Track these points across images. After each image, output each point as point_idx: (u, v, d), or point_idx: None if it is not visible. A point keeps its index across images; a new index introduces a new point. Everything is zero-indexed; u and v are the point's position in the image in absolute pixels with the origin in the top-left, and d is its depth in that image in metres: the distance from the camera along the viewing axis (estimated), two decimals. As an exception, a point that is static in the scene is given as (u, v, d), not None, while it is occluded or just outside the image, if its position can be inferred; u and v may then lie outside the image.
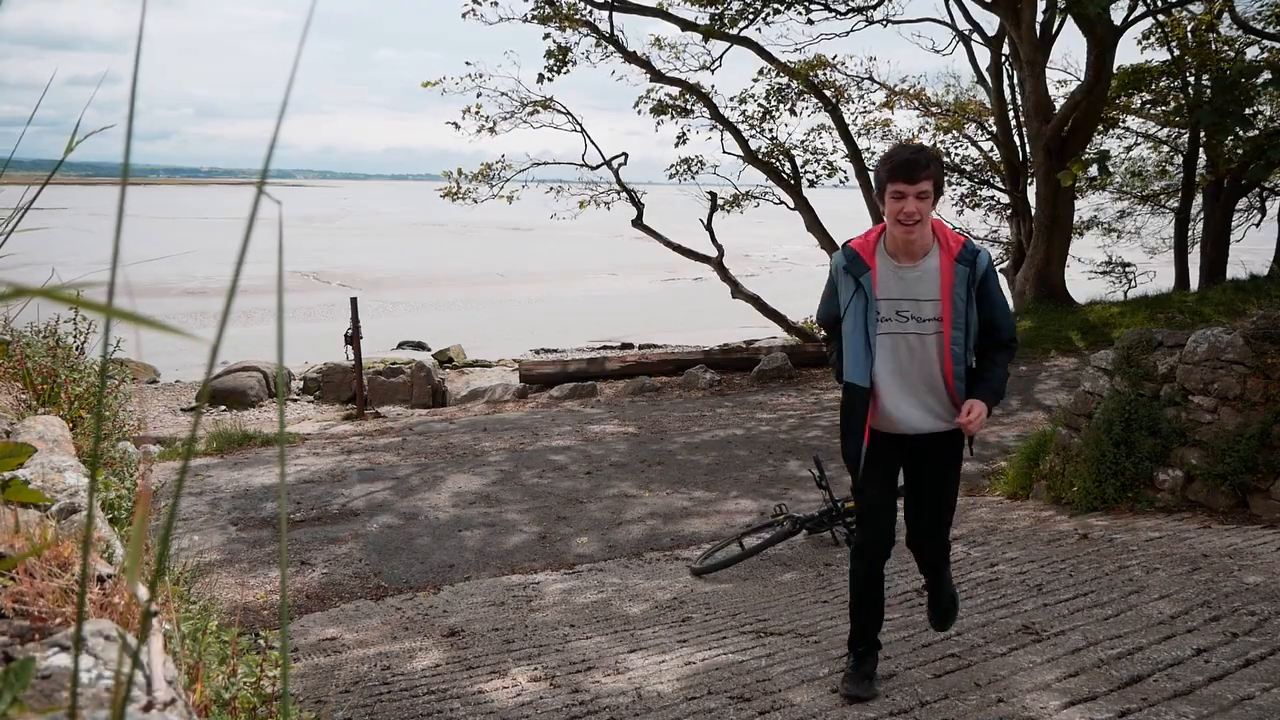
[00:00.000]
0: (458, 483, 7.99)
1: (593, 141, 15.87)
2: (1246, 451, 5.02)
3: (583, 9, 15.09)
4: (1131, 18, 14.86)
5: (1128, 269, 19.43)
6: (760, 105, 16.80)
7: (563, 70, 15.50)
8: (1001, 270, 16.93)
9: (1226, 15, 15.02)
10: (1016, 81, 16.07)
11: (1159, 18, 15.75)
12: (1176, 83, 16.54)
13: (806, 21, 15.95)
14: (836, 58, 16.65)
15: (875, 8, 16.13)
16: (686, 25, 15.39)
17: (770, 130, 16.91)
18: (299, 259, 37.44)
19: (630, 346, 19.94)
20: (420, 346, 20.05)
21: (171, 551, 3.16)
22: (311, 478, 8.24)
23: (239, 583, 5.63)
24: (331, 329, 15.48)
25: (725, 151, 16.80)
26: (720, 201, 16.62)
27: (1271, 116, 16.29)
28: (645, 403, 12.47)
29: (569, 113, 15.65)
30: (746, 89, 16.77)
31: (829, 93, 16.44)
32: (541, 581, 5.60)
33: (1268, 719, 2.63)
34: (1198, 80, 16.15)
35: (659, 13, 15.37)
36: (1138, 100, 17.20)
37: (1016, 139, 16.43)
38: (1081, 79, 14.75)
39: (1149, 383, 5.67)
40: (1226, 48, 15.83)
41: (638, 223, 16.08)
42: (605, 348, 19.75)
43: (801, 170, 17.01)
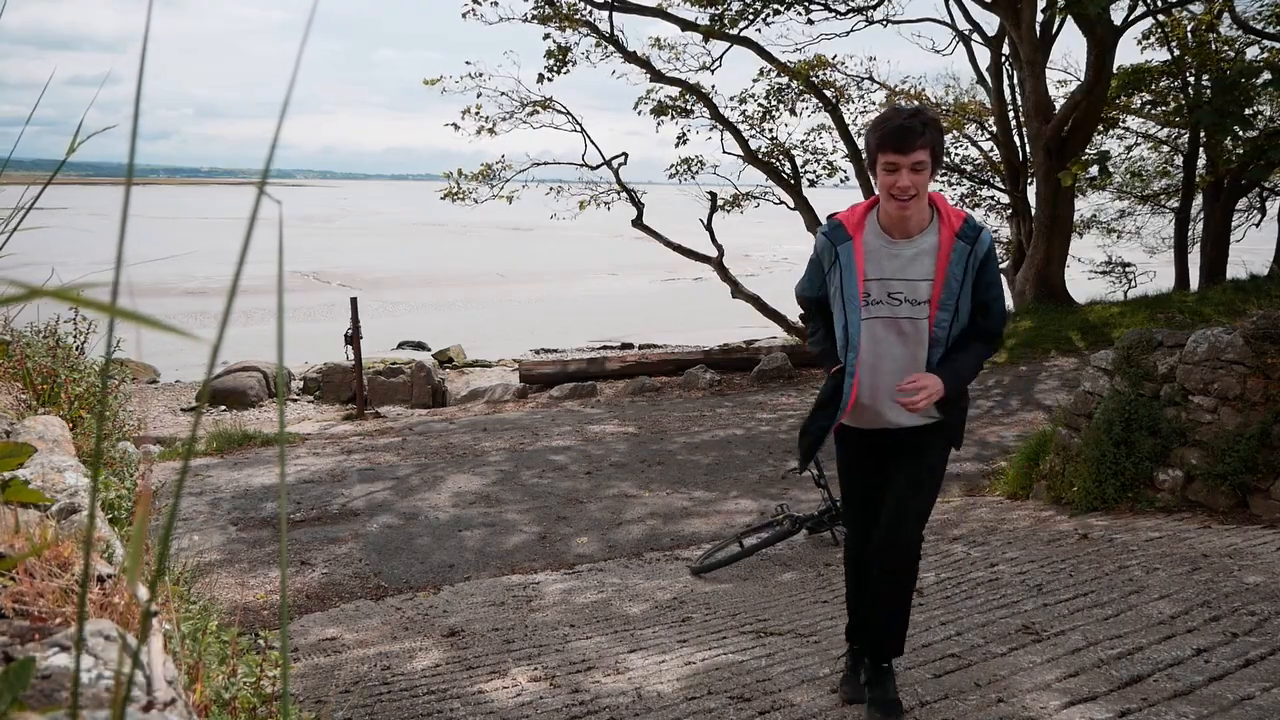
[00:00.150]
0: (458, 483, 7.99)
1: (593, 141, 15.89)
2: (1246, 451, 5.02)
3: (583, 9, 15.10)
4: (1131, 18, 14.86)
5: (1128, 269, 19.43)
6: (760, 105, 16.81)
7: (563, 70, 15.50)
8: (1001, 270, 16.92)
9: (1226, 15, 15.02)
10: (1016, 81, 16.08)
11: (1159, 18, 15.75)
12: (1176, 83, 16.54)
13: (806, 21, 15.96)
14: (836, 58, 16.68)
15: (875, 8, 16.14)
16: (686, 25, 15.40)
17: (770, 130, 16.93)
18: (299, 259, 37.44)
19: (630, 346, 19.94)
20: (420, 346, 20.05)
21: (171, 551, 3.16)
22: (311, 478, 8.24)
23: (239, 583, 5.63)
24: (331, 329, 15.48)
25: (725, 151, 16.81)
26: (720, 201, 16.62)
27: (1271, 117, 16.29)
28: (645, 403, 12.47)
29: (569, 113, 15.66)
30: (746, 89, 16.79)
31: (829, 93, 16.45)
32: (541, 581, 5.60)
33: (1268, 719, 2.63)
34: (1198, 80, 16.15)
35: (659, 13, 15.38)
36: (1138, 100, 17.20)
37: (1016, 139, 16.43)
38: (1081, 79, 14.75)
39: (1149, 383, 5.67)
40: (1226, 48, 15.83)
41: (638, 223, 16.09)
42: (605, 348, 19.75)
43: (801, 170, 17.01)
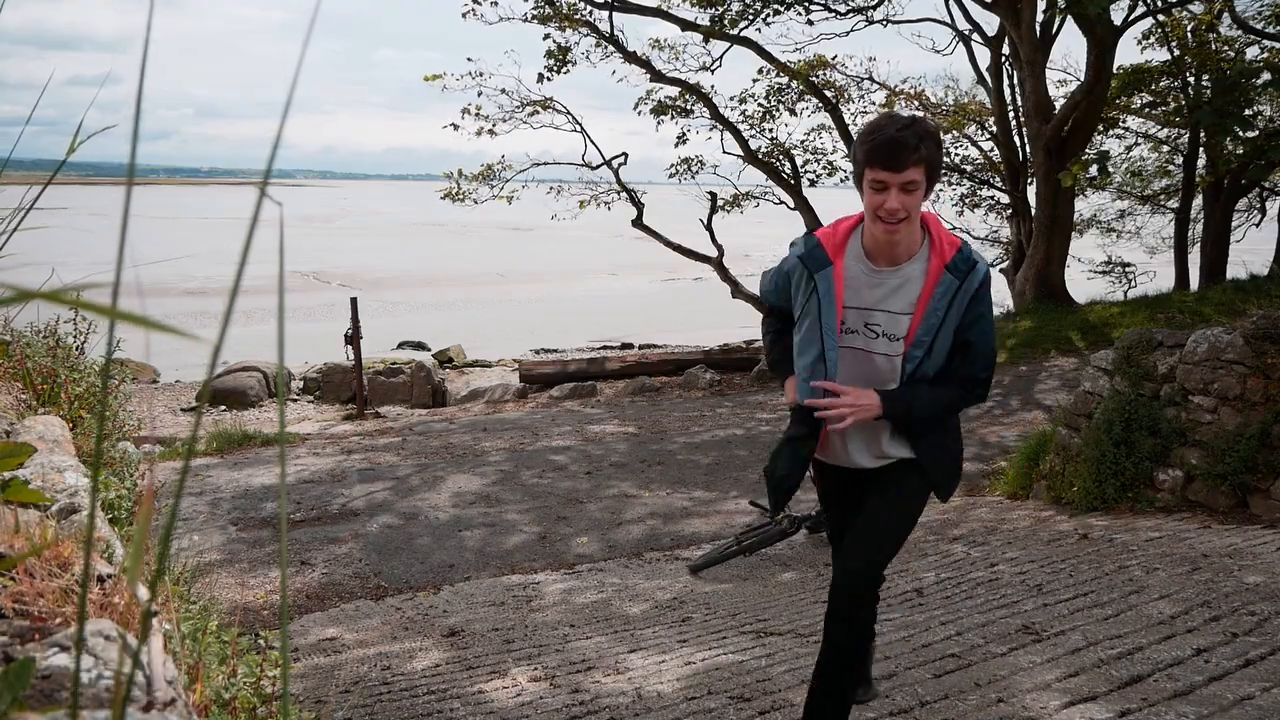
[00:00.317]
0: (458, 483, 7.99)
1: (593, 141, 15.88)
2: (1246, 451, 5.02)
3: (583, 9, 15.09)
4: (1131, 18, 14.86)
5: (1128, 269, 19.44)
6: (760, 105, 16.81)
7: (563, 70, 15.50)
8: (1001, 270, 16.94)
9: (1226, 15, 15.02)
10: (1016, 81, 16.08)
11: (1159, 18, 15.76)
12: (1176, 83, 16.54)
13: (806, 22, 15.96)
14: (836, 58, 16.67)
15: (875, 8, 16.14)
16: (687, 25, 15.40)
17: (770, 130, 16.93)
18: (299, 259, 37.44)
19: (630, 346, 19.95)
20: (420, 346, 20.05)
21: (172, 551, 3.16)
22: (311, 478, 8.24)
23: (239, 583, 5.63)
24: (331, 329, 15.49)
25: (725, 151, 16.81)
26: (720, 201, 16.62)
27: (1271, 117, 16.29)
28: (645, 403, 12.47)
29: (569, 113, 15.65)
30: (746, 89, 16.79)
31: (829, 93, 16.45)
32: (541, 581, 5.60)
33: (1268, 719, 2.63)
34: (1198, 80, 16.15)
35: (659, 13, 15.37)
36: (1138, 100, 17.20)
37: (1016, 139, 16.43)
38: (1081, 79, 14.75)
39: (1149, 383, 5.67)
40: (1226, 48, 15.83)
41: (638, 223, 16.08)
42: (605, 348, 19.75)
43: (801, 170, 17.02)
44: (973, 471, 7.68)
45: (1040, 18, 14.44)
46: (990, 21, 16.01)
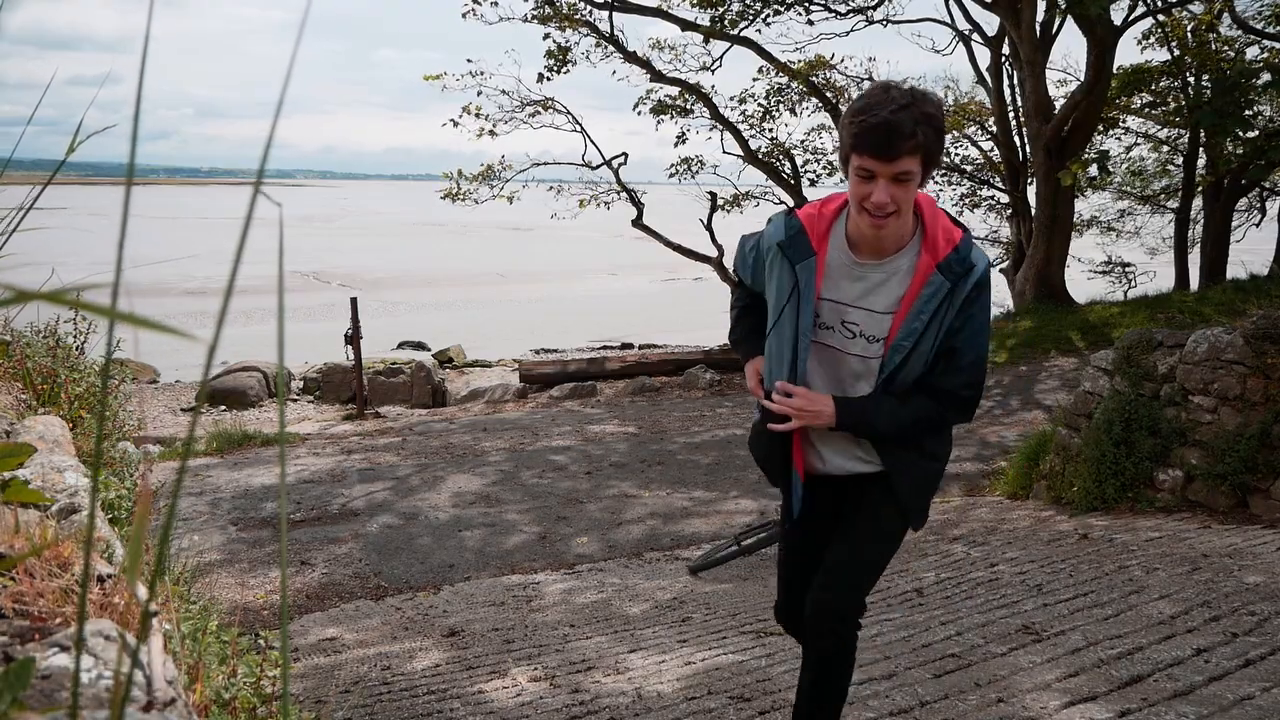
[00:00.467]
0: (458, 483, 7.99)
1: (593, 141, 15.88)
2: (1246, 451, 5.03)
3: (583, 9, 15.09)
4: (1131, 18, 14.87)
5: (1128, 269, 19.44)
6: (760, 105, 16.81)
7: (563, 70, 15.50)
8: (1001, 270, 16.95)
9: (1226, 15, 15.02)
10: (1016, 81, 16.08)
11: (1159, 18, 15.76)
12: (1176, 83, 16.54)
13: (807, 22, 15.96)
14: (836, 58, 16.68)
15: (875, 8, 16.14)
16: (687, 25, 15.40)
17: (770, 130, 16.94)
18: (299, 259, 37.45)
19: (630, 346, 19.95)
20: (420, 346, 20.05)
21: (171, 551, 3.16)
22: (311, 478, 8.24)
23: (239, 583, 5.63)
24: (331, 329, 15.48)
25: (725, 151, 16.82)
26: (720, 201, 16.63)
27: (1271, 117, 16.29)
28: (645, 403, 12.47)
29: (569, 113, 15.66)
30: (746, 89, 16.79)
31: (829, 93, 16.45)
32: (541, 581, 5.60)
33: (1268, 719, 2.63)
34: (1198, 80, 16.16)
35: (659, 13, 15.38)
36: (1138, 100, 17.20)
37: (1016, 139, 16.43)
38: (1081, 79, 14.75)
39: (1149, 383, 5.67)
40: (1226, 48, 15.83)
41: (638, 223, 16.09)
42: (605, 348, 19.76)
43: (802, 170, 17.03)
44: (973, 471, 7.67)
45: (1040, 18, 14.44)
46: (990, 21, 16.03)
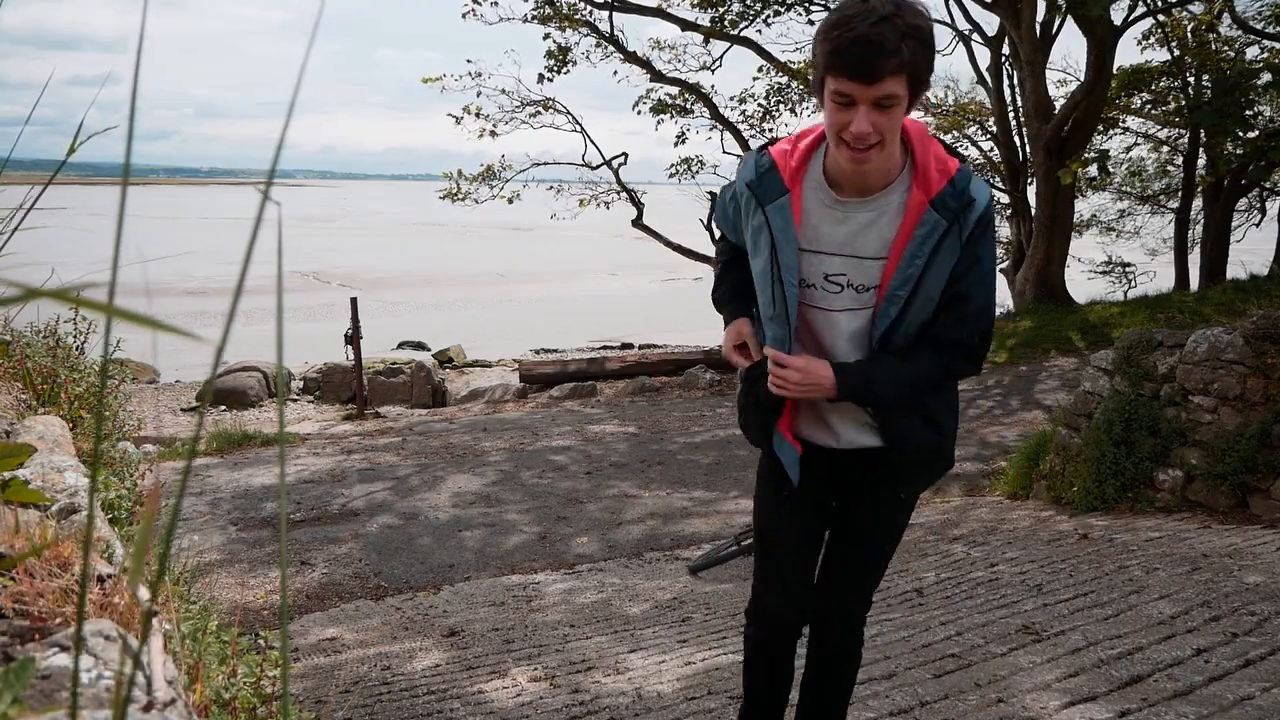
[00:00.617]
0: (458, 483, 7.99)
1: (593, 141, 15.90)
2: (1246, 451, 5.03)
3: (583, 9, 15.10)
4: (1131, 18, 14.88)
5: (1128, 269, 19.45)
6: (760, 105, 16.81)
7: (563, 70, 15.51)
8: (1001, 270, 16.95)
9: (1226, 15, 15.03)
10: (1016, 81, 16.08)
11: (1159, 18, 15.77)
12: (1176, 83, 16.55)
13: (807, 21, 15.97)
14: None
15: (875, 8, 16.13)
16: (687, 25, 15.41)
17: (770, 130, 16.93)
18: (299, 259, 37.46)
19: (630, 346, 19.94)
20: (420, 346, 20.05)
21: (172, 551, 3.16)
22: (311, 478, 8.24)
23: (239, 583, 5.63)
24: (331, 329, 15.48)
25: (725, 151, 16.85)
26: (720, 201, 16.63)
27: (1271, 117, 16.30)
28: (645, 403, 12.47)
29: (569, 113, 15.67)
30: (746, 89, 16.80)
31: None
32: (541, 581, 5.60)
33: (1268, 719, 2.63)
34: (1198, 81, 16.16)
35: (659, 13, 15.38)
36: (1138, 100, 17.21)
37: (1016, 139, 16.44)
38: (1081, 79, 14.75)
39: (1149, 383, 5.67)
40: (1226, 48, 15.84)
41: (638, 223, 16.09)
42: (605, 348, 19.75)
43: (801, 170, 17.01)
44: (973, 471, 7.67)
45: (1040, 18, 14.45)
46: (990, 21, 16.04)
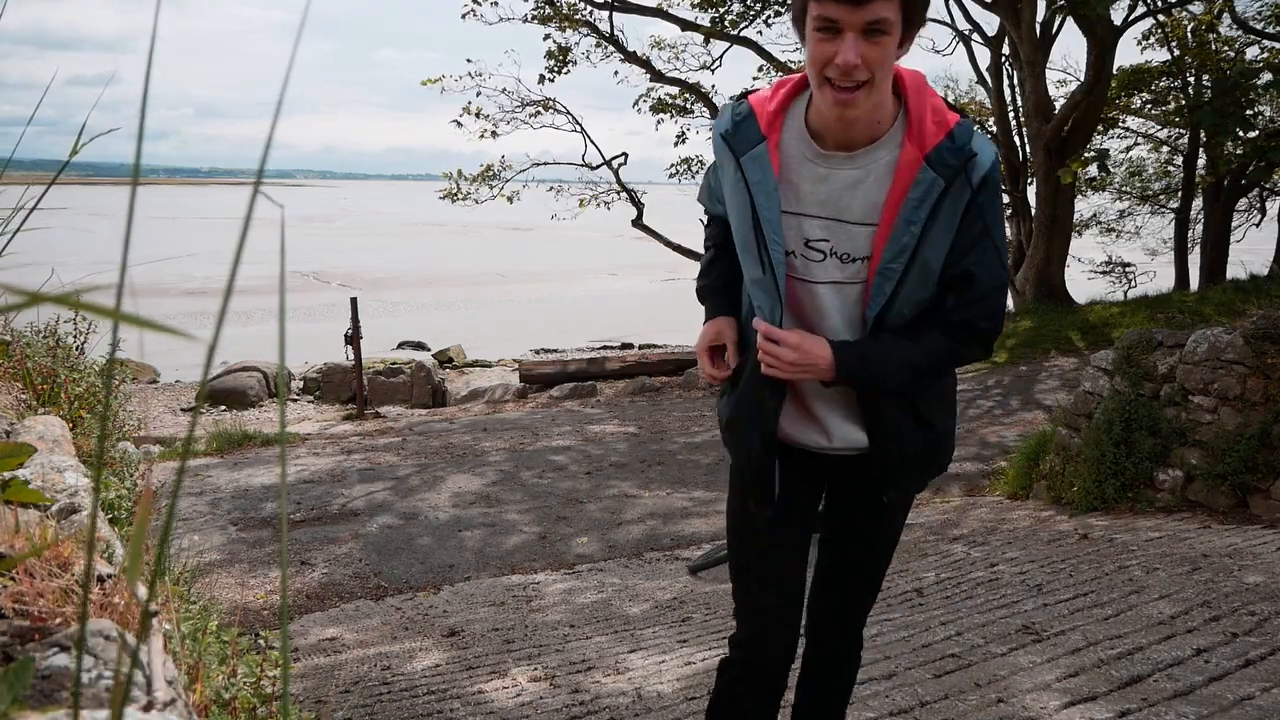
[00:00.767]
0: (458, 483, 7.99)
1: (593, 141, 15.90)
2: (1246, 451, 5.02)
3: (583, 9, 15.10)
4: (1131, 18, 14.89)
5: (1128, 269, 19.45)
6: (760, 105, 16.80)
7: (563, 70, 15.52)
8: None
9: (1226, 15, 15.03)
10: (1016, 81, 16.09)
11: (1159, 18, 15.77)
12: (1176, 83, 16.55)
13: (807, 21, 15.96)
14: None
15: (875, 8, 16.13)
16: (687, 25, 15.41)
17: (770, 130, 16.93)
18: (299, 259, 37.47)
19: (630, 346, 19.94)
20: (420, 346, 20.05)
21: (171, 551, 3.16)
22: (311, 478, 8.24)
23: (239, 583, 5.63)
24: (331, 329, 15.48)
25: (725, 151, 16.81)
26: (720, 201, 16.63)
27: (1272, 117, 16.30)
28: (645, 403, 12.47)
29: (569, 113, 15.67)
30: (747, 89, 16.79)
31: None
32: (541, 581, 5.60)
33: (1268, 719, 2.63)
34: (1198, 81, 16.17)
35: (659, 13, 15.38)
36: (1138, 100, 17.21)
37: (1016, 139, 16.44)
38: (1081, 79, 14.76)
39: (1149, 383, 5.67)
40: (1226, 48, 15.84)
41: (638, 223, 16.09)
42: (605, 348, 19.75)
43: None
44: (973, 471, 7.67)
45: (1040, 18, 14.45)
46: (990, 21, 16.04)
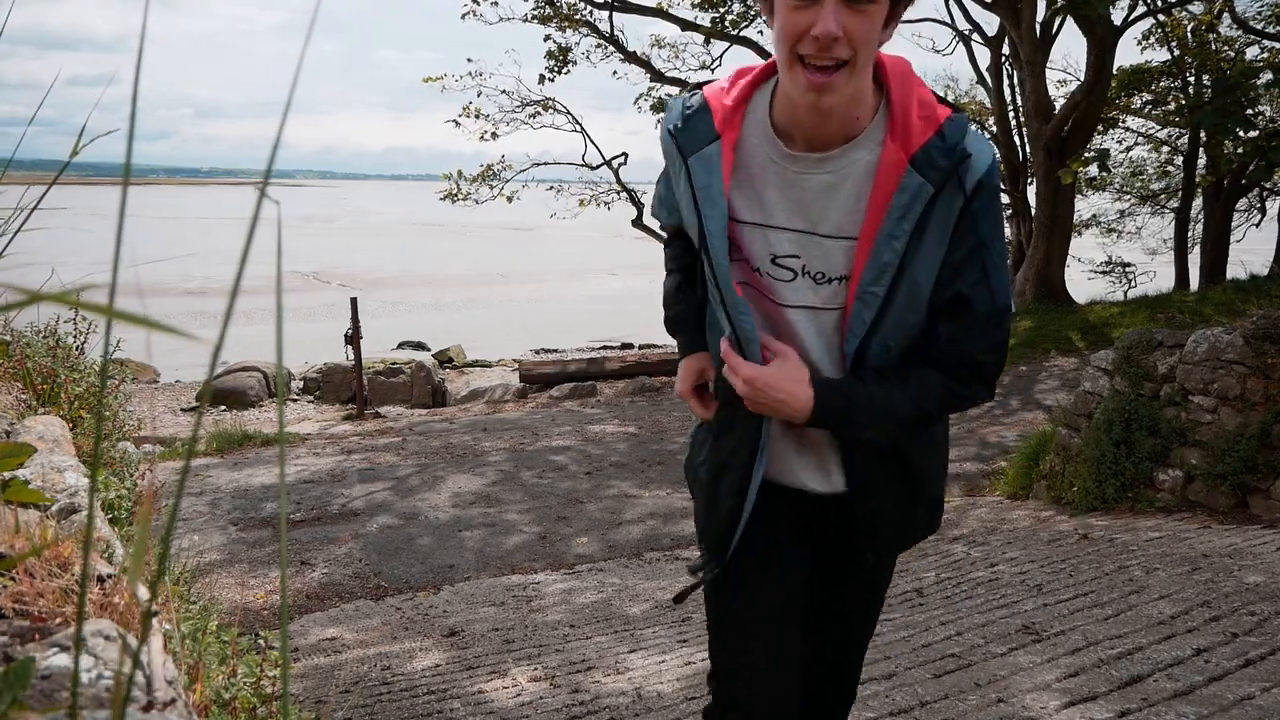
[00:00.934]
0: (458, 483, 7.99)
1: (593, 141, 15.89)
2: (1246, 451, 5.03)
3: (583, 9, 15.10)
4: (1131, 18, 14.88)
5: (1128, 269, 19.45)
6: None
7: (563, 70, 15.52)
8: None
9: (1226, 15, 15.03)
10: (1016, 81, 16.09)
11: (1159, 18, 15.77)
12: (1176, 83, 16.55)
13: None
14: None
15: (875, 8, 16.13)
16: (687, 25, 15.41)
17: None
18: (299, 259, 37.47)
19: (630, 346, 19.94)
20: (420, 346, 20.05)
21: (172, 551, 3.16)
22: (311, 478, 8.24)
23: (239, 583, 5.63)
24: (331, 329, 15.48)
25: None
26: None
27: (1272, 117, 16.30)
28: (645, 403, 12.47)
29: (569, 113, 15.67)
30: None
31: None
32: (541, 581, 5.60)
33: (1268, 719, 2.63)
34: (1198, 81, 16.17)
35: (659, 13, 15.38)
36: (1138, 100, 17.21)
37: (1016, 139, 16.44)
38: (1081, 79, 14.76)
39: (1149, 383, 5.67)
40: (1226, 48, 15.84)
41: (638, 223, 16.09)
42: (605, 348, 19.75)
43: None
44: (973, 471, 7.67)
45: (1040, 18, 14.45)
46: (990, 21, 16.04)
